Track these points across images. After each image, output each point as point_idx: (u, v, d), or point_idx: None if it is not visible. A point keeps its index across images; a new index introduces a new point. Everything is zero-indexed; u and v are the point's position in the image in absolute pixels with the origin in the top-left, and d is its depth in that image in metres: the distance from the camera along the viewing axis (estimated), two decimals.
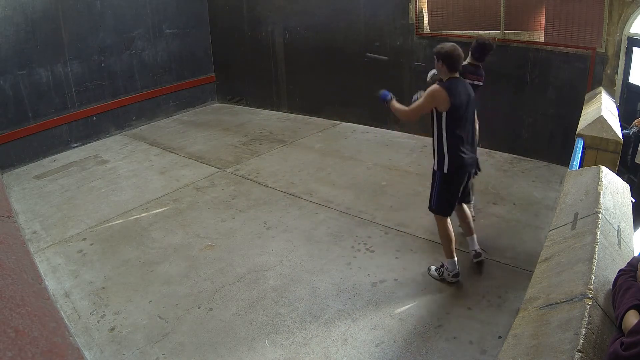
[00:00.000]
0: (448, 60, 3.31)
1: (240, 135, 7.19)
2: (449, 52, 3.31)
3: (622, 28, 4.83)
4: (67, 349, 0.83)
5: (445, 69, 3.35)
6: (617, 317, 1.61)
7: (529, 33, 5.73)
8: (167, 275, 3.93)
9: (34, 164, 6.38)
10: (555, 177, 5.35)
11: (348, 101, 7.43)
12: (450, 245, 3.58)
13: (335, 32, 7.17)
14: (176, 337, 3.24)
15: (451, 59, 3.31)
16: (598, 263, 1.91)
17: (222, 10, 8.31)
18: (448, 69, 3.35)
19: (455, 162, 3.39)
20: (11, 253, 1.13)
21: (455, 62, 3.33)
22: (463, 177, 3.51)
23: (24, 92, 6.25)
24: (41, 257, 4.21)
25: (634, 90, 4.91)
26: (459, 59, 3.35)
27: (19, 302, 0.91)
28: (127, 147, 6.88)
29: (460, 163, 3.41)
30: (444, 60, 3.33)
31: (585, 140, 3.73)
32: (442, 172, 3.44)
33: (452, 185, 3.49)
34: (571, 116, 5.02)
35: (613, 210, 2.39)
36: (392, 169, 5.77)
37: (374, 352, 3.05)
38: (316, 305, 3.49)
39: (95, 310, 3.52)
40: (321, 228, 4.52)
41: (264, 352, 3.08)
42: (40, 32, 6.28)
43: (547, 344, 1.60)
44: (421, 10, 6.31)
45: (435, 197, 3.55)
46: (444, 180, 3.46)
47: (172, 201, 5.19)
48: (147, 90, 7.76)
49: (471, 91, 3.48)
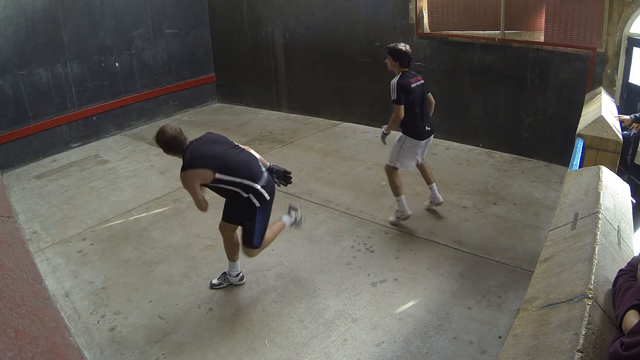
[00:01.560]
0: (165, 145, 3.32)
1: (240, 135, 7.19)
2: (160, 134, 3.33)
3: (622, 28, 4.83)
4: (67, 349, 0.83)
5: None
6: (617, 317, 1.61)
7: (529, 33, 5.73)
8: (167, 275, 3.93)
9: (34, 164, 6.38)
10: (555, 177, 5.36)
11: (348, 101, 7.43)
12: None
13: (335, 32, 7.17)
14: (176, 337, 3.24)
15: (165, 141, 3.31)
16: (598, 263, 1.90)
17: (222, 10, 8.31)
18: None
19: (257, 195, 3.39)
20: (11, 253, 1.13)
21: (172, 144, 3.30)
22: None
23: (24, 92, 6.25)
24: (41, 257, 4.21)
25: (634, 90, 4.91)
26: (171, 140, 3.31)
27: (19, 302, 0.91)
28: (127, 147, 6.88)
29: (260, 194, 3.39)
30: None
31: (585, 140, 3.72)
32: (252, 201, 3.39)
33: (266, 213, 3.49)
34: (571, 116, 5.02)
35: (613, 210, 2.39)
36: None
37: (374, 352, 3.05)
38: (316, 305, 3.49)
39: (95, 310, 3.52)
40: (321, 228, 4.52)
41: (264, 352, 3.08)
42: (40, 32, 6.28)
43: (547, 344, 1.60)
44: (421, 10, 6.31)
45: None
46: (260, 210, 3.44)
47: (172, 201, 5.19)
48: (147, 90, 7.76)
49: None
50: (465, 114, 6.33)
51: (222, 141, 3.47)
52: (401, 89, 4.12)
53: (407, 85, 4.14)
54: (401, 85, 4.13)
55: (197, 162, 3.21)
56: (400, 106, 4.16)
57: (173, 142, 3.26)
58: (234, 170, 3.27)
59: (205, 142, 3.38)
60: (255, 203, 3.32)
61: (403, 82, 4.14)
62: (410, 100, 4.17)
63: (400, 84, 4.13)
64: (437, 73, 6.37)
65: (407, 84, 4.15)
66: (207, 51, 8.60)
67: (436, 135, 4.96)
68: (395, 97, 4.14)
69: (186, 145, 3.28)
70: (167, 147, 3.27)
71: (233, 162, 3.31)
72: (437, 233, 4.37)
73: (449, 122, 6.44)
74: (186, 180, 3.22)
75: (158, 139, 3.29)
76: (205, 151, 3.29)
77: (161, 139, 3.27)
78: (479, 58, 6.02)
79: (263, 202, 3.34)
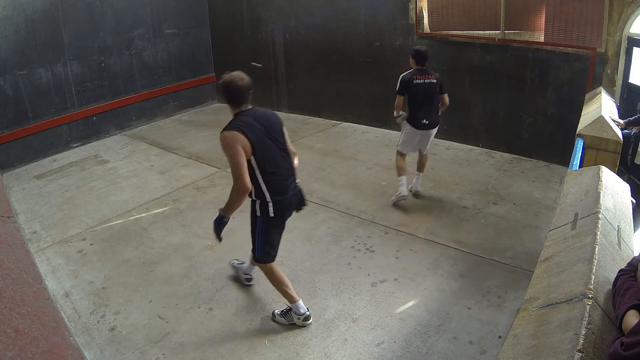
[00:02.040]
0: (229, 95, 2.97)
1: None
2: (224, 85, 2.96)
3: (622, 28, 4.83)
4: (67, 349, 0.83)
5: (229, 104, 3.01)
6: (617, 317, 1.61)
7: (529, 33, 5.73)
8: (167, 275, 3.93)
9: (34, 164, 6.38)
10: (555, 177, 5.36)
11: (348, 101, 7.43)
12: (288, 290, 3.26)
13: (335, 32, 7.17)
14: (176, 337, 3.24)
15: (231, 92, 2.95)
16: (598, 263, 1.90)
17: (222, 10, 8.31)
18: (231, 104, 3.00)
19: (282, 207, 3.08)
20: (11, 253, 1.13)
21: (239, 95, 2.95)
22: None
23: (24, 92, 6.25)
24: (41, 257, 4.21)
25: (634, 90, 4.91)
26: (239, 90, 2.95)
27: (19, 302, 0.91)
28: (127, 147, 6.87)
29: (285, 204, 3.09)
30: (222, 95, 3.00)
31: (585, 140, 3.73)
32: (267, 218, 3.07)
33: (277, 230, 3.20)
34: (571, 116, 5.02)
35: (613, 210, 2.39)
36: (392, 169, 5.76)
37: (374, 352, 3.05)
38: (316, 305, 3.49)
39: (95, 310, 3.52)
40: (321, 228, 4.52)
41: (264, 352, 3.08)
42: (40, 32, 6.28)
43: (547, 344, 1.60)
44: (421, 10, 6.31)
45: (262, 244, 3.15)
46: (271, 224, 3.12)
47: (172, 201, 5.19)
48: (147, 90, 7.76)
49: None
50: (465, 114, 6.33)
51: (277, 131, 3.03)
52: (402, 82, 4.63)
53: (408, 80, 4.60)
54: (403, 79, 4.63)
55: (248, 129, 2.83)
56: (399, 96, 4.68)
57: (235, 91, 2.89)
58: (264, 167, 2.92)
59: (266, 120, 2.98)
60: (257, 211, 3.04)
61: (406, 77, 4.63)
62: (412, 93, 4.62)
63: (403, 78, 4.64)
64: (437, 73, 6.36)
65: (410, 79, 4.59)
66: (207, 51, 8.60)
67: (436, 135, 4.97)
68: (397, 89, 4.67)
69: (247, 109, 2.94)
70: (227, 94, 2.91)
71: (269, 159, 2.94)
72: (437, 233, 4.37)
73: (449, 122, 6.44)
74: (227, 142, 2.81)
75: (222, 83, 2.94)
76: (258, 127, 2.90)
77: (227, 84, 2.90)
78: (479, 58, 6.02)
79: (265, 216, 3.03)
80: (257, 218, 3.08)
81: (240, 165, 2.79)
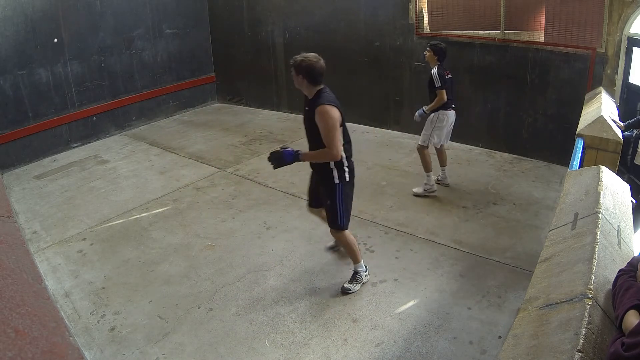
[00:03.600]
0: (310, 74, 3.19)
1: (240, 135, 7.19)
2: (311, 65, 3.18)
3: (622, 28, 4.83)
4: (67, 349, 0.83)
5: (307, 82, 3.23)
6: (617, 317, 1.61)
7: (529, 33, 5.73)
8: (167, 275, 3.93)
9: (34, 164, 6.38)
10: (555, 177, 5.36)
11: (348, 101, 7.39)
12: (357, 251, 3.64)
13: (335, 32, 7.17)
14: (176, 337, 3.24)
15: (313, 71, 3.19)
16: (598, 263, 1.90)
17: (222, 10, 8.31)
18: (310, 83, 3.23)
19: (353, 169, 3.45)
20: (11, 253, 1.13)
21: (318, 75, 3.21)
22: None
23: (24, 92, 6.25)
24: (41, 257, 4.21)
25: (634, 90, 4.91)
26: (322, 70, 3.22)
27: (19, 302, 0.91)
28: (127, 147, 6.87)
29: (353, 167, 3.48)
30: (304, 74, 3.19)
31: (585, 140, 3.73)
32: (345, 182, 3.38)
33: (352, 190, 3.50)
34: (571, 116, 5.02)
35: (613, 210, 2.39)
36: (392, 169, 5.77)
37: (374, 352, 3.05)
38: (316, 305, 3.49)
39: (95, 310, 3.52)
40: (321, 228, 4.51)
41: (264, 352, 3.08)
42: (40, 32, 6.28)
43: (547, 344, 1.60)
44: (421, 10, 6.31)
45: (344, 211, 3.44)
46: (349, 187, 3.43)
47: (172, 201, 5.19)
48: (147, 90, 7.76)
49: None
50: (465, 114, 6.32)
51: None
52: (442, 77, 4.81)
53: (443, 75, 4.82)
54: (440, 74, 4.81)
55: (337, 104, 3.22)
56: (443, 91, 4.81)
57: (319, 71, 3.18)
58: (345, 136, 3.34)
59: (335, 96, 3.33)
60: (334, 179, 3.30)
61: (440, 72, 4.82)
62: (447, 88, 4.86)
63: (439, 73, 4.81)
64: None
65: (443, 74, 4.82)
66: (207, 51, 8.60)
67: None
68: (440, 84, 4.79)
69: (323, 86, 3.26)
70: (312, 74, 3.15)
71: (345, 130, 3.36)
72: (437, 233, 4.37)
73: None
74: (328, 114, 3.13)
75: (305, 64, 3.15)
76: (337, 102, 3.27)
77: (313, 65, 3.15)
78: (479, 58, 6.02)
79: (343, 181, 3.33)
80: (335, 186, 3.33)
81: (337, 137, 3.18)
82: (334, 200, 3.37)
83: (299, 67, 3.20)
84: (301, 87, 3.28)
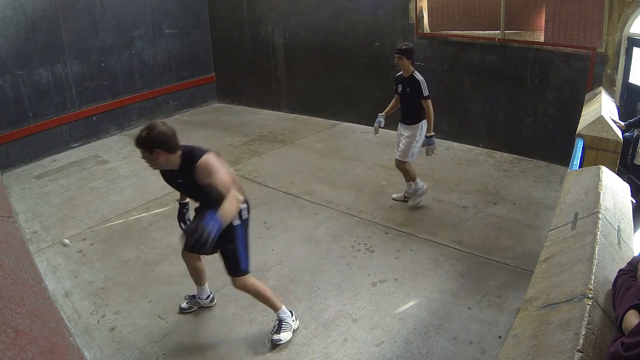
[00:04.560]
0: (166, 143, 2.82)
1: (240, 135, 7.19)
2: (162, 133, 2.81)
3: (622, 28, 4.83)
4: (67, 349, 0.83)
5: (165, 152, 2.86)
6: (617, 317, 1.61)
7: (529, 33, 5.73)
8: (167, 275, 3.93)
9: (34, 164, 6.38)
10: (555, 177, 5.35)
11: (348, 101, 7.43)
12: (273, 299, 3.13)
13: (335, 32, 7.17)
14: (176, 337, 3.24)
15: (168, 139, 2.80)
16: (598, 263, 1.91)
17: (222, 10, 8.31)
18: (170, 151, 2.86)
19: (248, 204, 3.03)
20: (11, 253, 1.13)
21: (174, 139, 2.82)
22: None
23: (24, 92, 6.25)
24: (41, 257, 4.21)
25: (634, 90, 4.91)
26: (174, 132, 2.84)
27: (19, 302, 0.91)
28: (127, 147, 6.87)
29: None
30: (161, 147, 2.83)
31: (585, 140, 3.73)
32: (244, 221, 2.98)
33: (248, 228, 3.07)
34: (571, 116, 5.02)
35: (613, 210, 2.39)
36: (392, 169, 5.76)
37: (374, 352, 3.05)
38: (316, 305, 3.49)
39: (95, 310, 3.52)
40: (321, 228, 4.52)
41: (264, 352, 3.08)
42: (40, 32, 6.28)
43: (547, 344, 1.60)
44: (421, 10, 6.31)
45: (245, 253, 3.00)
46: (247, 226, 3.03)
47: (172, 201, 5.17)
48: (147, 90, 7.76)
49: None
50: (465, 114, 6.33)
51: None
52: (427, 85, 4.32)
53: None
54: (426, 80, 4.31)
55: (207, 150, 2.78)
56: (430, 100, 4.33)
57: (172, 139, 2.78)
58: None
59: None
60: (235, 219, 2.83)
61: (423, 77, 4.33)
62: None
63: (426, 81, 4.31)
64: (437, 73, 6.36)
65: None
66: (207, 51, 8.60)
67: (436, 135, 4.96)
68: (428, 92, 4.29)
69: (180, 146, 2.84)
70: (164, 144, 2.77)
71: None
72: (437, 233, 4.37)
73: (449, 122, 6.44)
74: (212, 160, 2.72)
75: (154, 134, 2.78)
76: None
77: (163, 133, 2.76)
78: (479, 58, 6.02)
79: (242, 220, 2.95)
80: (234, 228, 2.87)
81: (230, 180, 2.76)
82: (233, 243, 2.90)
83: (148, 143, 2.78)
84: (167, 163, 2.87)
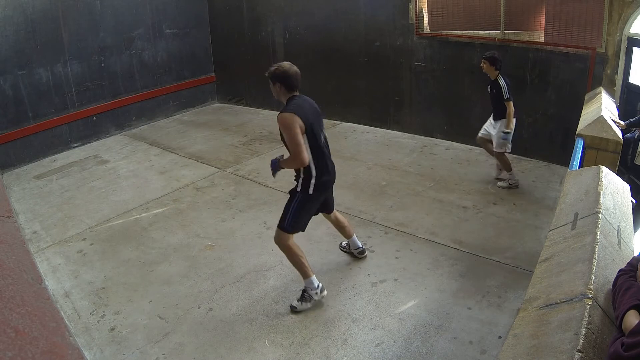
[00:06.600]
0: (286, 81, 3.20)
1: (240, 135, 7.19)
2: (285, 71, 3.20)
3: (622, 28, 4.83)
4: (67, 349, 0.83)
5: (284, 89, 3.23)
6: (617, 317, 1.61)
7: (529, 33, 5.73)
8: (167, 275, 3.93)
9: (34, 164, 6.38)
10: (555, 177, 5.36)
11: (348, 101, 7.43)
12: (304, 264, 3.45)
13: (335, 32, 7.17)
14: (176, 337, 3.24)
15: (289, 78, 3.20)
16: (598, 263, 1.90)
17: (222, 10, 8.31)
18: (287, 89, 3.23)
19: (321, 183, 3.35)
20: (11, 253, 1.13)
21: (294, 81, 3.22)
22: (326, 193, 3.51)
23: (24, 92, 6.25)
24: (41, 257, 4.21)
25: (634, 90, 4.91)
26: (297, 75, 3.23)
27: (19, 302, 0.91)
28: (127, 147, 6.88)
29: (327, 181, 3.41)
30: (281, 81, 3.20)
31: (585, 140, 3.73)
32: (306, 194, 3.33)
33: (313, 204, 3.42)
34: (571, 116, 5.02)
35: (613, 210, 2.39)
36: (392, 169, 5.77)
37: (374, 352, 3.05)
38: (316, 305, 3.49)
39: (95, 310, 3.52)
40: (321, 228, 4.51)
41: (264, 352, 3.08)
42: (40, 32, 6.28)
43: (547, 344, 1.60)
44: (421, 10, 6.31)
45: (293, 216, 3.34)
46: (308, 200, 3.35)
47: (172, 201, 5.19)
48: (147, 90, 7.77)
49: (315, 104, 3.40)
50: (465, 114, 6.33)
51: (318, 115, 3.36)
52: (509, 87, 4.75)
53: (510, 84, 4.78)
54: (508, 84, 4.76)
55: (299, 111, 3.13)
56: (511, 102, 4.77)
57: (294, 77, 3.18)
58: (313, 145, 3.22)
59: (311, 105, 3.32)
60: (298, 187, 3.34)
61: (508, 82, 4.75)
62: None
63: (508, 83, 4.76)
64: (437, 73, 6.37)
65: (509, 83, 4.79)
66: (207, 51, 8.60)
67: (436, 135, 4.97)
68: (509, 94, 4.75)
69: (297, 94, 3.25)
70: (287, 80, 3.16)
71: (316, 139, 3.24)
72: (437, 233, 4.37)
73: (449, 122, 6.44)
74: (285, 119, 3.08)
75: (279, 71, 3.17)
76: (308, 109, 3.22)
77: (287, 71, 3.17)
78: (479, 58, 6.00)
79: (304, 191, 3.31)
80: (295, 193, 3.36)
81: (298, 143, 3.10)
82: (289, 203, 3.37)
83: (274, 76, 3.22)
84: (279, 96, 3.27)
